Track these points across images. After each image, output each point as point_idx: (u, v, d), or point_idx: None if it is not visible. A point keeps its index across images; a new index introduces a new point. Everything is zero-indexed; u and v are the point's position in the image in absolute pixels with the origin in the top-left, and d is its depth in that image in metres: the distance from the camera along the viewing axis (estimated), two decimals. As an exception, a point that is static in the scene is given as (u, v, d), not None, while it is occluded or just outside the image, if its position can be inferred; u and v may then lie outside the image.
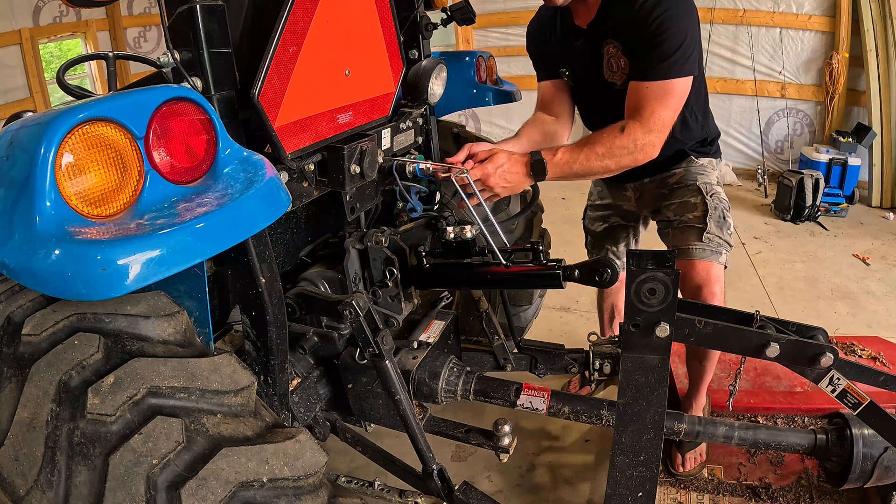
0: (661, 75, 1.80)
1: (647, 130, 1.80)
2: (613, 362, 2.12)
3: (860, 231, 4.99)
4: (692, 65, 1.83)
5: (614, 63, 1.95)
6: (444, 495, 1.65)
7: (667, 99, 1.81)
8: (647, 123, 1.80)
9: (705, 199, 2.05)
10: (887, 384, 1.49)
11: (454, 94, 2.28)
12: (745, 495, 2.17)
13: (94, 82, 6.51)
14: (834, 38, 5.64)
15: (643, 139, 1.80)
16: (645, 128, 1.80)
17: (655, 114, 1.80)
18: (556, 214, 1.97)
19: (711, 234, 1.99)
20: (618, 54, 1.93)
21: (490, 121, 7.09)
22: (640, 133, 1.80)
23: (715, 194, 2.08)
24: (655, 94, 1.81)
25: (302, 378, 1.78)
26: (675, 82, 1.81)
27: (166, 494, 0.90)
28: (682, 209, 2.09)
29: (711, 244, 1.99)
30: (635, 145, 1.80)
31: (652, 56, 1.80)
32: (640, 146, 1.80)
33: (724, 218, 2.04)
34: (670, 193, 2.16)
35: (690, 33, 1.81)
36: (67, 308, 1.06)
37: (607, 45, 1.94)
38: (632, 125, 1.81)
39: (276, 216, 1.18)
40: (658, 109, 1.80)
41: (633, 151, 1.81)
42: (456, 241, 1.79)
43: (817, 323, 1.55)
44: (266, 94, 1.38)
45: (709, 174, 2.14)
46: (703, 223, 2.01)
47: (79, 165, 1.00)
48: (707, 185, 2.09)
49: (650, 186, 2.24)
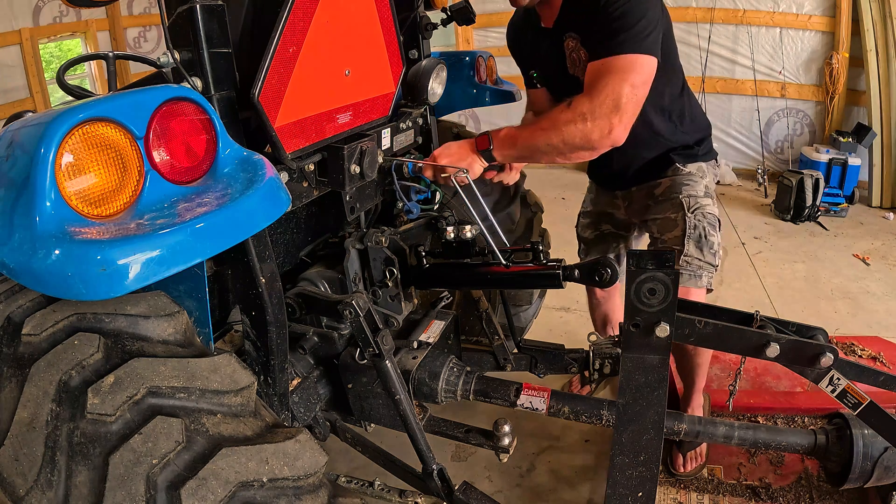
0: (616, 50, 1.65)
1: (596, 103, 1.63)
2: (613, 362, 2.12)
3: (860, 231, 4.99)
4: (652, 45, 1.67)
5: (575, 56, 1.92)
6: (444, 495, 1.65)
7: (624, 73, 1.63)
8: (598, 96, 1.63)
9: (685, 217, 1.94)
10: (887, 384, 1.49)
11: (454, 94, 2.28)
12: (745, 495, 2.17)
13: (94, 82, 6.51)
14: (834, 38, 5.64)
15: (591, 110, 1.63)
16: (593, 100, 1.63)
17: (608, 86, 1.63)
18: (556, 214, 1.97)
19: (689, 256, 1.91)
20: (577, 47, 1.89)
21: (490, 121, 7.08)
22: (587, 105, 1.64)
23: (698, 209, 1.96)
24: (610, 68, 1.65)
25: (302, 378, 1.78)
26: (632, 57, 1.64)
27: (166, 494, 0.90)
28: (664, 227, 2.01)
29: (690, 268, 1.90)
30: (582, 117, 1.63)
31: (607, 35, 1.68)
32: (588, 117, 1.63)
33: (705, 237, 1.93)
34: (655, 206, 2.08)
35: (649, 15, 1.68)
36: (67, 308, 1.06)
37: (567, 39, 1.92)
38: (578, 99, 1.67)
39: (276, 216, 1.18)
40: (612, 82, 1.63)
41: (580, 125, 1.63)
42: (456, 241, 1.79)
43: (817, 323, 1.55)
44: (266, 94, 1.38)
45: (695, 184, 2.02)
46: (681, 244, 1.92)
47: (79, 165, 1.00)
48: (691, 198, 1.98)
49: (638, 195, 2.18)
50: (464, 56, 2.40)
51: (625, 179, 2.18)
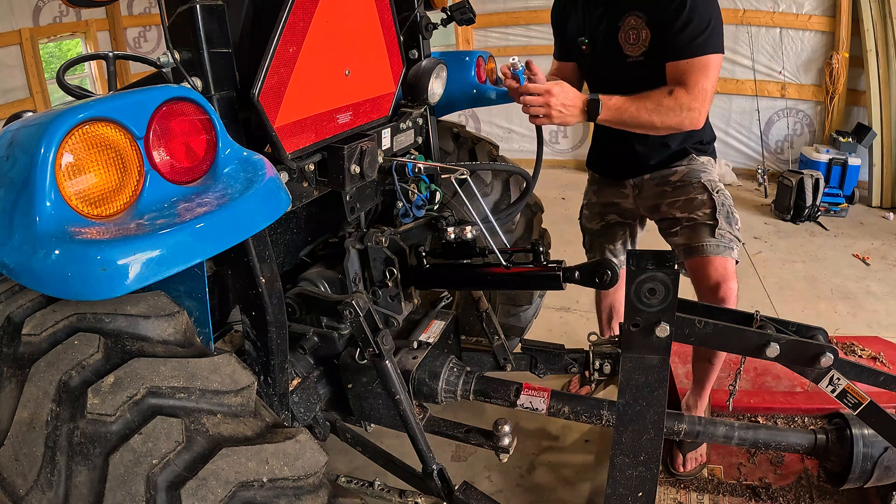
0: (698, 51, 1.87)
1: (692, 97, 1.88)
2: (613, 362, 2.12)
3: (860, 231, 4.99)
4: (721, 42, 1.90)
5: (633, 35, 1.98)
6: (444, 495, 1.65)
7: (707, 71, 1.88)
8: (693, 91, 1.87)
9: (712, 196, 2.06)
10: (887, 384, 1.49)
11: (454, 94, 2.27)
12: (745, 495, 2.17)
13: (94, 82, 6.51)
14: (834, 38, 5.63)
15: (689, 103, 1.88)
16: (691, 94, 1.88)
17: (699, 84, 1.87)
18: (556, 214, 1.97)
19: (723, 229, 2.01)
20: (641, 25, 1.96)
21: (490, 121, 7.09)
22: (686, 98, 1.88)
23: (720, 191, 2.09)
24: (696, 67, 1.88)
25: (302, 378, 1.78)
26: (710, 58, 1.88)
27: (166, 494, 0.90)
28: (690, 206, 2.09)
29: (724, 240, 2.00)
30: (681, 107, 1.88)
31: (685, 34, 1.86)
32: (685, 108, 1.88)
33: (732, 213, 2.06)
34: (673, 191, 2.16)
35: (716, 12, 1.89)
36: (67, 308, 1.06)
37: (629, 16, 1.97)
38: (678, 90, 1.89)
39: (276, 216, 1.18)
40: (700, 80, 1.88)
41: (678, 113, 1.88)
42: (456, 241, 1.79)
43: (817, 323, 1.55)
44: (266, 94, 1.38)
45: (711, 171, 2.16)
46: (714, 219, 2.02)
47: (79, 165, 1.00)
48: (711, 182, 2.11)
49: (650, 184, 2.24)
50: (464, 56, 2.40)
51: (640, 168, 2.23)
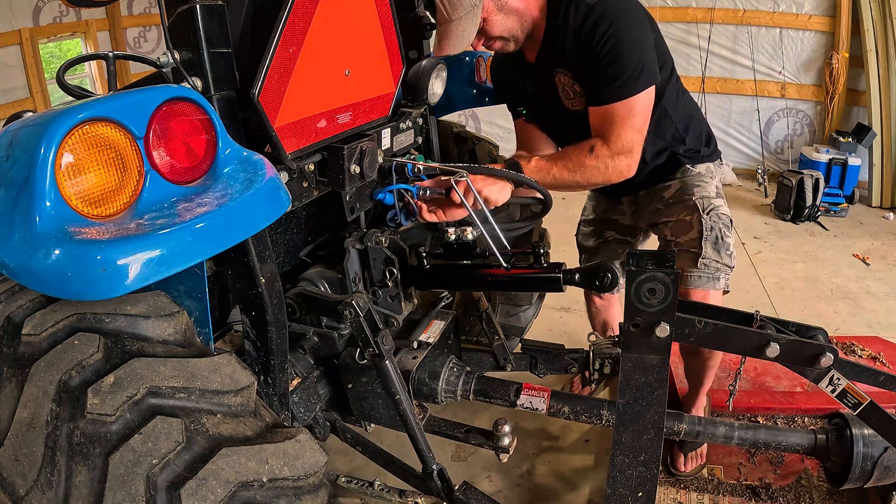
0: (617, 97, 1.75)
1: (614, 153, 1.78)
2: (613, 362, 2.12)
3: (860, 231, 4.99)
4: (649, 75, 1.76)
5: (569, 90, 1.91)
6: (444, 495, 1.65)
7: (630, 119, 1.76)
8: (615, 146, 1.77)
9: (701, 219, 1.93)
10: (887, 384, 1.49)
11: (454, 94, 2.27)
12: (745, 495, 2.17)
13: (94, 82, 6.51)
14: (834, 38, 5.64)
15: (612, 162, 1.78)
16: (612, 150, 1.78)
17: (621, 137, 1.77)
18: (556, 214, 1.96)
19: (707, 259, 1.90)
20: (570, 82, 1.89)
21: (490, 121, 7.08)
22: (608, 157, 1.78)
23: (713, 210, 1.95)
24: (617, 115, 1.76)
25: (302, 378, 1.78)
26: (633, 100, 1.75)
27: (166, 494, 0.90)
28: (678, 229, 1.99)
29: (708, 270, 1.90)
30: (605, 165, 1.79)
31: (604, 78, 1.75)
32: (609, 165, 1.78)
33: (722, 238, 1.93)
34: (666, 209, 2.05)
35: (639, 44, 1.74)
36: (67, 308, 1.06)
37: (557, 74, 1.91)
38: (599, 147, 1.79)
39: (276, 216, 1.18)
40: (622, 132, 1.77)
41: (604, 171, 1.79)
42: (457, 242, 1.79)
43: (817, 323, 1.55)
44: (266, 94, 1.38)
45: (706, 185, 2.01)
46: (699, 247, 1.91)
47: (79, 165, 1.00)
48: (704, 199, 1.97)
49: (645, 200, 2.15)
50: (464, 56, 2.40)
51: (632, 185, 2.09)
